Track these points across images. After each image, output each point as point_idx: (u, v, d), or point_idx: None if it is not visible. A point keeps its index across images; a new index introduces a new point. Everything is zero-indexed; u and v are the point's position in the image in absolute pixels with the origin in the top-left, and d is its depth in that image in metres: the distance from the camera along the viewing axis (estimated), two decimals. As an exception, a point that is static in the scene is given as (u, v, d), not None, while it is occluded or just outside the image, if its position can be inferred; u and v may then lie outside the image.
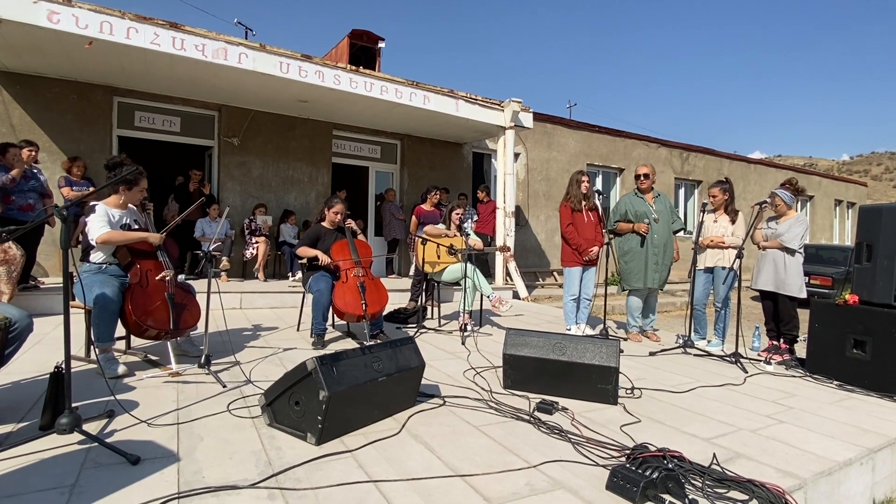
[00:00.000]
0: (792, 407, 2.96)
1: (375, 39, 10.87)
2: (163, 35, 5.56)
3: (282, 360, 3.51)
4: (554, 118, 11.80)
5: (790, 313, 4.23)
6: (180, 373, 3.00)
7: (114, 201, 3.24)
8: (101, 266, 3.13)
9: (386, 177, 9.99)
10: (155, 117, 7.71)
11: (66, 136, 6.88)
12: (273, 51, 6.28)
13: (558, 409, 2.64)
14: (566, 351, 2.86)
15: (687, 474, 1.89)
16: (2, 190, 4.94)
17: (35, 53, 5.91)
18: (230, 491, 1.70)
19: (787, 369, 3.91)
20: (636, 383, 3.20)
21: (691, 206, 14.48)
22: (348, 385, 2.17)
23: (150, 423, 2.26)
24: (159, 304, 3.12)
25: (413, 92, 7.41)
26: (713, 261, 4.56)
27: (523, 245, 10.97)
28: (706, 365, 3.93)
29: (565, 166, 11.68)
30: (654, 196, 4.76)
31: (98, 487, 1.68)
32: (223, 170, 8.11)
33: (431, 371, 3.25)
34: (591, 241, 4.70)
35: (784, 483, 1.92)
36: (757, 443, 2.36)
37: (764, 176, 16.37)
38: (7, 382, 2.71)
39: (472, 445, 2.18)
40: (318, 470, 1.89)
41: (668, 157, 13.81)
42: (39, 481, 1.71)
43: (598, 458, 2.07)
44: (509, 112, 8.26)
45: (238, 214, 7.89)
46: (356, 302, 3.94)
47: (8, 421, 2.21)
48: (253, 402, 2.57)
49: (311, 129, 8.76)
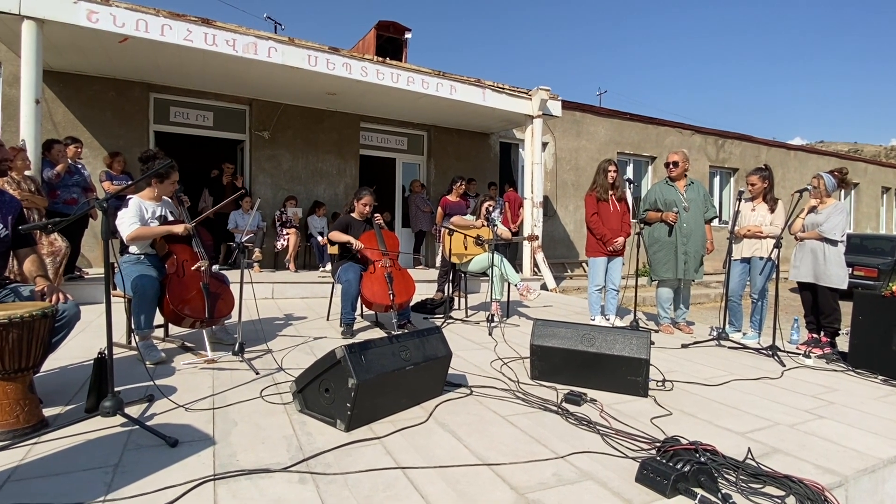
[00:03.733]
0: (833, 402, 2.85)
1: (402, 30, 10.86)
2: (195, 31, 5.69)
3: (312, 348, 3.58)
4: (583, 106, 11.58)
5: (831, 305, 4.06)
6: (215, 360, 3.10)
7: (148, 194, 3.35)
8: (140, 257, 3.25)
9: (413, 168, 10.02)
10: (189, 112, 7.92)
11: (105, 132, 7.14)
12: (301, 44, 6.35)
13: (586, 401, 2.61)
14: (595, 342, 2.82)
15: (720, 468, 1.85)
16: (48, 185, 5.17)
17: (76, 52, 6.14)
18: (263, 474, 1.75)
19: (828, 363, 3.76)
20: (667, 376, 3.14)
21: (726, 194, 14.02)
22: (376, 373, 2.20)
23: (188, 407, 2.34)
24: (195, 294, 3.23)
25: (439, 82, 7.38)
26: (750, 250, 4.41)
27: (551, 236, 10.85)
28: (741, 358, 3.82)
29: (594, 155, 11.45)
30: (687, 184, 4.63)
31: (140, 468, 1.76)
32: (254, 163, 8.28)
33: (458, 361, 3.26)
34: (616, 232, 4.61)
35: (824, 480, 1.86)
36: (795, 438, 2.29)
37: (805, 163, 15.69)
38: (55, 367, 2.85)
39: (499, 435, 2.18)
40: (348, 455, 1.92)
41: (703, 145, 13.39)
42: (86, 460, 1.80)
43: (628, 451, 2.05)
44: (537, 100, 8.14)
45: (269, 207, 8.05)
46: (384, 292, 3.98)
47: (56, 403, 2.32)
48: (284, 388, 2.64)
49: (339, 122, 8.84)
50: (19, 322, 1.92)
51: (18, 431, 1.95)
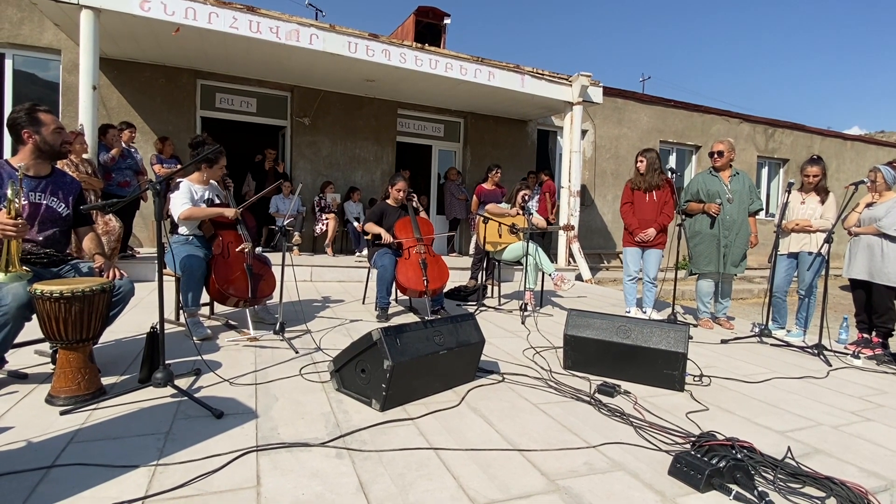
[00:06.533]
0: (882, 405, 2.73)
1: (441, 16, 10.78)
2: (240, 19, 5.84)
3: (349, 330, 3.68)
4: (625, 92, 11.25)
5: (886, 304, 3.86)
6: (257, 338, 3.23)
7: (197, 178, 3.48)
8: (189, 237, 3.40)
9: (449, 155, 10.01)
10: (234, 98, 8.16)
11: (155, 117, 7.44)
12: (342, 31, 6.42)
13: (620, 393, 2.59)
14: (631, 334, 2.79)
15: (757, 466, 1.81)
16: (103, 167, 5.45)
17: (129, 40, 6.40)
18: (303, 448, 1.83)
19: (879, 364, 3.59)
20: (705, 371, 3.07)
21: (774, 186, 13.41)
22: (411, 356, 2.24)
23: (232, 382, 2.46)
24: (239, 275, 3.36)
25: (478, 68, 7.32)
26: (798, 245, 4.23)
27: (588, 226, 10.68)
28: (784, 356, 3.70)
29: (636, 143, 11.14)
30: (732, 175, 4.45)
31: (188, 436, 1.86)
32: (295, 149, 8.47)
33: (491, 348, 3.28)
34: (647, 223, 4.48)
35: (868, 483, 1.80)
36: (838, 439, 2.21)
37: (862, 154, 14.79)
38: (111, 340, 3.03)
39: (531, 422, 2.20)
40: (383, 434, 1.99)
41: (751, 134, 12.81)
42: (139, 427, 1.93)
43: (661, 444, 2.03)
44: (577, 87, 7.97)
45: (308, 192, 8.23)
46: (418, 278, 4.03)
47: (112, 373, 2.48)
48: (322, 367, 2.73)
49: (377, 109, 8.91)
50: (81, 296, 2.06)
51: (80, 397, 2.10)
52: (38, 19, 6.75)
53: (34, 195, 2.38)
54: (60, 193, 2.48)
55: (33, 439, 1.79)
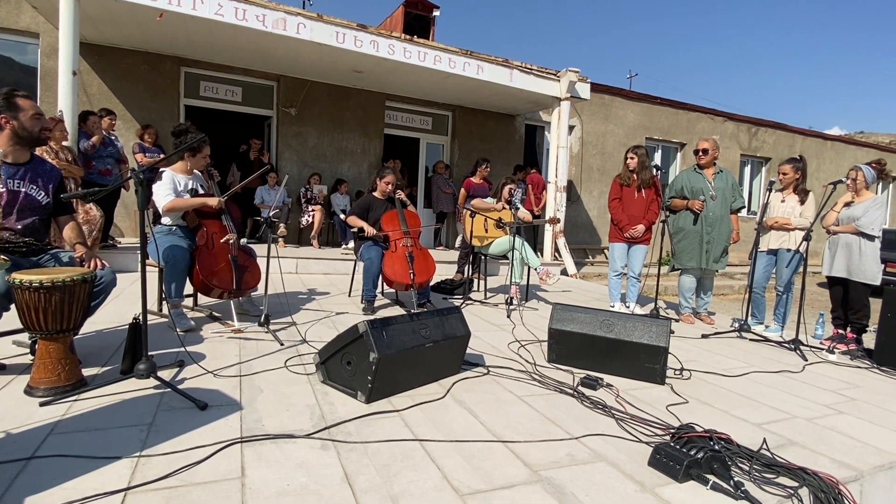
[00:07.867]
0: (854, 398, 2.82)
1: (430, 7, 10.72)
2: (226, 6, 5.74)
3: (334, 322, 3.67)
4: (612, 89, 11.32)
5: (861, 301, 3.97)
6: (242, 330, 3.20)
7: (180, 167, 3.43)
8: (172, 228, 3.35)
9: (437, 148, 9.99)
10: (218, 87, 8.02)
11: (138, 104, 7.29)
12: (330, 20, 6.34)
13: (602, 386, 2.64)
14: (614, 328, 2.83)
15: (734, 457, 1.86)
16: (83, 155, 5.33)
17: (111, 25, 6.25)
18: (287, 439, 1.83)
19: (853, 359, 3.70)
20: (686, 365, 3.13)
21: (757, 184, 13.64)
22: (397, 349, 2.25)
23: (216, 373, 2.44)
24: (224, 266, 3.33)
25: (467, 61, 7.30)
26: (777, 242, 4.32)
27: (574, 221, 10.75)
28: (762, 350, 3.78)
29: (622, 140, 11.24)
30: (716, 172, 4.53)
31: (172, 427, 1.85)
32: (281, 139, 8.37)
33: (476, 341, 3.31)
34: (636, 219, 4.54)
35: (839, 474, 1.86)
36: (812, 431, 2.28)
37: (842, 154, 15.12)
38: (92, 331, 2.99)
39: (515, 414, 2.23)
40: (368, 426, 2.00)
41: (735, 132, 13.00)
42: (122, 418, 1.91)
43: (642, 435, 2.07)
44: (565, 82, 8.00)
45: (294, 183, 8.16)
46: (404, 271, 4.03)
47: (94, 364, 2.45)
48: (308, 359, 2.73)
49: (365, 100, 8.85)
50: (61, 286, 2.03)
51: (60, 388, 2.07)
52: (14, 1, 6.56)
53: (12, 182, 2.33)
54: (40, 181, 2.43)
55: (12, 430, 1.76)
